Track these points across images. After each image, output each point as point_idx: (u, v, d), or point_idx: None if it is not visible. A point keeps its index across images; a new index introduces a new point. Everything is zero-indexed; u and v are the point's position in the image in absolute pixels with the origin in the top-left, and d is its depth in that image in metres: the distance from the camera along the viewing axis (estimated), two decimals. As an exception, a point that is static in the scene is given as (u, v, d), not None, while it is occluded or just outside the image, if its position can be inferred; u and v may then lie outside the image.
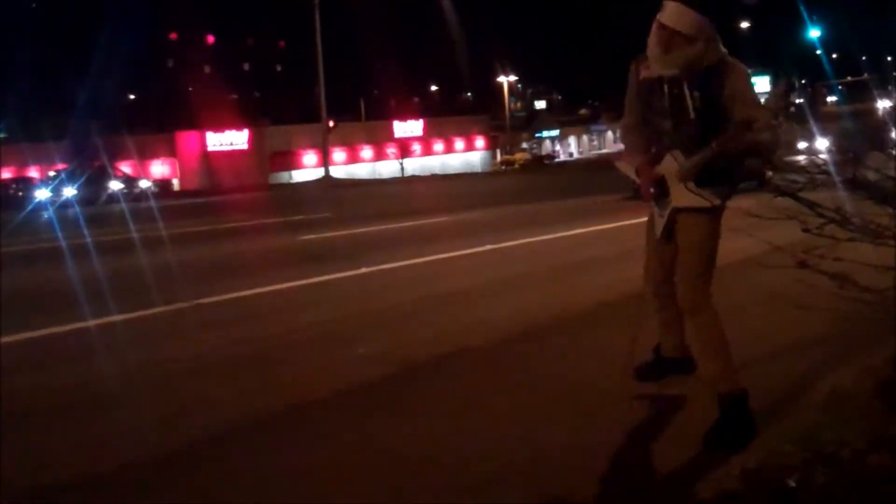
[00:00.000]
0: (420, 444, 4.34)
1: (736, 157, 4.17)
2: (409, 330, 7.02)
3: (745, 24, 75.96)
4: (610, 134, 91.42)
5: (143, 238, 15.85)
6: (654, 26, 4.22)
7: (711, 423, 4.16)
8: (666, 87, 4.22)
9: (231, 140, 57.80)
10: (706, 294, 4.32)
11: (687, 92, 4.15)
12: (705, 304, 4.31)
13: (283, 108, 65.53)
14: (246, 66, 79.93)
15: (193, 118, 58.53)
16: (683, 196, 4.24)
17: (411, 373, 5.70)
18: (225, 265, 12.04)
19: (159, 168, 56.11)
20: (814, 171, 4.29)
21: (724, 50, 4.20)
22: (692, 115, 4.15)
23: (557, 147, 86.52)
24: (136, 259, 12.66)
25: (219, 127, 57.73)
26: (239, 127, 58.10)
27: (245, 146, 57.58)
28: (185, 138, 57.92)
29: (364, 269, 10.54)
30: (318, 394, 5.28)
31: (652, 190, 4.34)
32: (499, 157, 73.34)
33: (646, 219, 4.65)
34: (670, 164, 4.24)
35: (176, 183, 55.45)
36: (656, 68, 4.24)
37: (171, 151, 57.11)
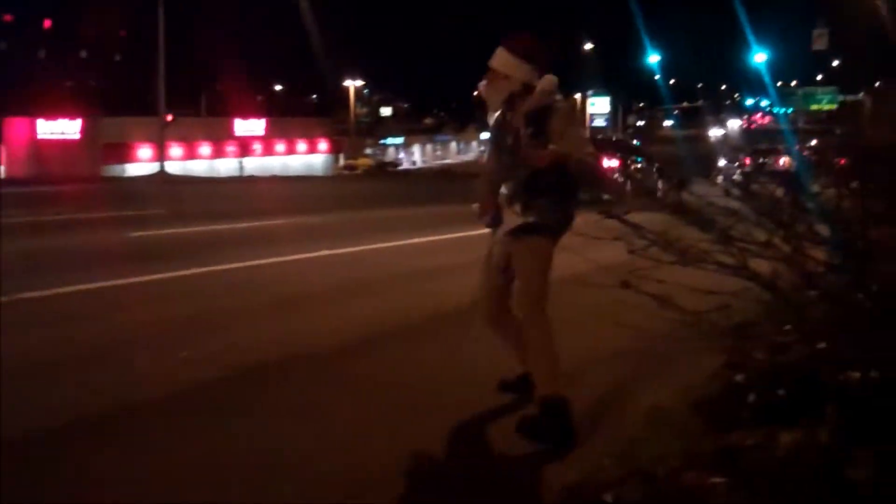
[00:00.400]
0: (239, 446, 4.25)
1: (556, 180, 4.51)
2: (239, 334, 6.88)
3: (588, 46, 78.20)
4: (454, 144, 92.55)
5: (-41, 227, 15.00)
6: (488, 72, 4.70)
7: (529, 414, 4.49)
8: (505, 127, 4.65)
9: (62, 129, 55.49)
10: (541, 308, 4.60)
11: (522, 131, 4.53)
12: (540, 317, 4.59)
13: (120, 98, 63.36)
14: (83, 54, 77.02)
15: (24, 104, 56.04)
16: (512, 220, 4.57)
17: (240, 377, 5.59)
18: (49, 259, 11.48)
19: (-15, 154, 53.44)
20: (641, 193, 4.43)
21: (557, 97, 4.61)
22: (525, 155, 4.49)
23: (401, 155, 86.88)
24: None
25: (50, 115, 55.44)
26: (72, 116, 55.88)
27: (77, 136, 55.41)
28: (14, 124, 55.32)
29: (195, 270, 10.27)
30: (138, 396, 5.12)
31: (488, 218, 4.71)
32: (342, 162, 73.03)
33: (484, 231, 4.86)
34: (504, 195, 4.62)
35: (2, 170, 52.92)
36: (492, 108, 4.73)
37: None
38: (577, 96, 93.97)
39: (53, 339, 6.60)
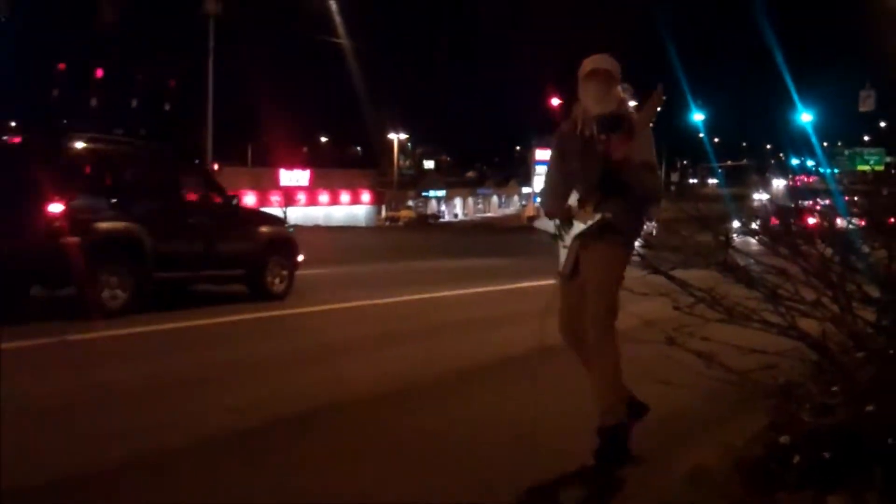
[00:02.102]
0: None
1: (633, 183, 4.55)
2: (281, 382, 6.89)
3: (632, 104, 78.16)
4: (495, 198, 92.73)
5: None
6: (587, 76, 4.70)
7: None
8: (581, 133, 4.65)
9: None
10: (610, 329, 4.58)
11: (596, 136, 4.57)
12: (608, 337, 4.58)
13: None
14: (134, 103, 78.44)
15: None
16: (584, 218, 4.57)
17: (283, 424, 5.59)
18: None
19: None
20: (689, 251, 4.42)
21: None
22: (600, 156, 4.51)
23: (443, 207, 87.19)
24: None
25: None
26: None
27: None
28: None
29: (237, 317, 10.36)
30: (177, 441, 5.13)
31: (561, 218, 4.68)
32: (384, 213, 73.45)
33: (522, 284, 4.79)
34: (574, 200, 4.62)
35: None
36: (595, 109, 4.64)
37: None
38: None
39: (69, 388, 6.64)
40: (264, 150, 69.95)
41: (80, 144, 10.93)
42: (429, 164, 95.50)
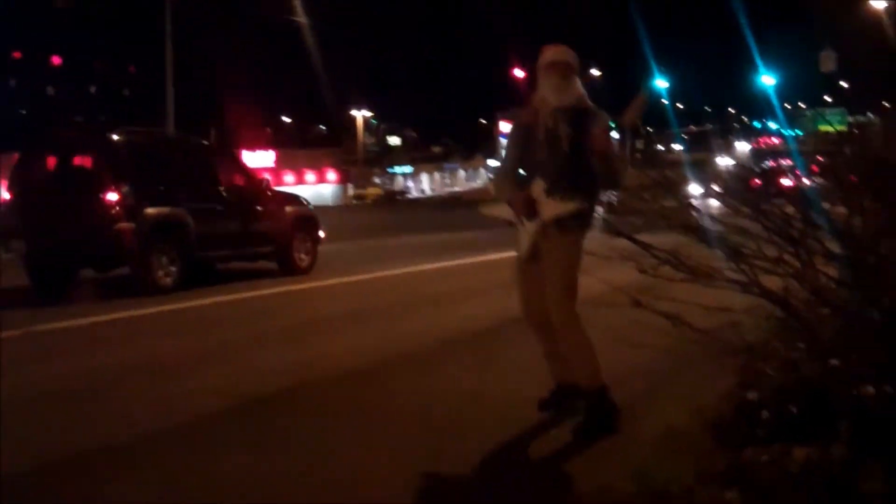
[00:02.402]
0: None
1: (600, 168, 4.76)
2: (250, 363, 6.88)
3: (594, 72, 78.41)
4: (462, 172, 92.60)
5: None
6: (547, 67, 4.87)
7: (581, 418, 4.75)
8: (544, 124, 4.80)
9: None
10: (572, 308, 4.82)
11: (561, 128, 4.75)
12: (572, 317, 4.81)
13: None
14: (92, 90, 77.50)
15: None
16: (554, 208, 4.75)
17: (253, 404, 5.59)
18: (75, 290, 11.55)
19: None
20: (652, 215, 4.45)
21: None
22: (566, 149, 4.73)
23: (410, 183, 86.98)
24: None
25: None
26: (82, 150, 56.17)
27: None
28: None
29: (213, 300, 10.36)
30: (151, 425, 5.13)
31: (524, 209, 4.81)
32: (351, 192, 73.16)
33: (492, 256, 4.84)
34: (539, 188, 4.77)
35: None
36: (554, 101, 4.80)
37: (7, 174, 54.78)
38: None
39: (57, 374, 6.62)
40: (227, 133, 69.46)
41: (127, 138, 11.89)
42: (394, 141, 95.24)
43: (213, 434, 5.01)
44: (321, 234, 13.97)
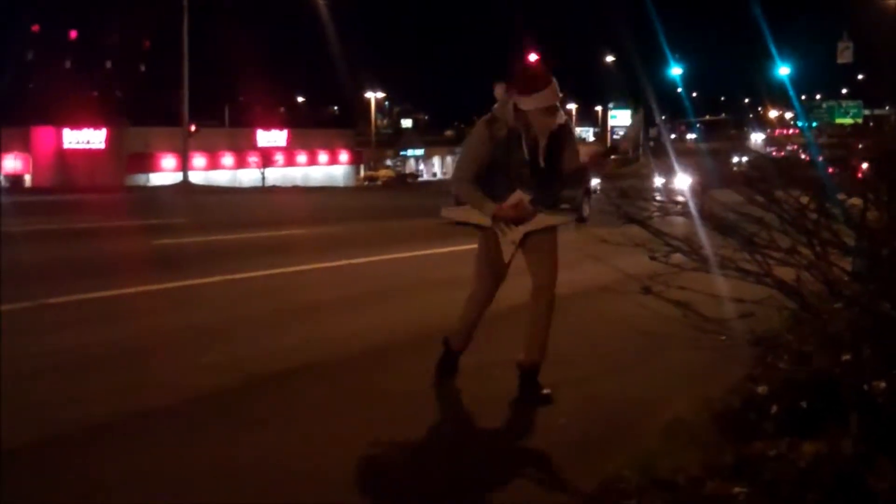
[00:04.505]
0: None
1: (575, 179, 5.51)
2: (257, 342, 6.87)
3: (609, 59, 78.18)
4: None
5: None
6: (541, 110, 5.10)
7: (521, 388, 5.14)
8: (525, 141, 5.15)
9: (88, 138, 55.95)
10: (553, 296, 5.26)
11: (540, 145, 5.16)
12: (553, 303, 5.25)
13: (144, 109, 63.65)
14: (108, 64, 77.54)
15: (50, 114, 56.60)
16: (544, 220, 5.21)
17: (257, 384, 5.58)
18: (74, 266, 11.54)
19: (11, 163, 54.07)
20: (667, 202, 4.41)
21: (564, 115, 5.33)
22: (542, 164, 5.17)
23: (421, 166, 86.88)
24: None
25: (76, 124, 55.90)
26: (97, 125, 56.28)
27: (102, 145, 55.83)
28: (40, 134, 55.87)
29: (217, 278, 10.31)
30: (158, 401, 5.14)
31: (514, 218, 5.19)
32: (362, 173, 73.12)
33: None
34: (518, 198, 5.16)
35: (28, 179, 53.41)
36: (542, 136, 5.16)
37: (25, 146, 54.98)
38: (598, 108, 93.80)
39: (75, 343, 6.62)
40: (241, 111, 69.46)
41: None
42: (406, 123, 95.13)
43: (221, 410, 5.00)
44: None
